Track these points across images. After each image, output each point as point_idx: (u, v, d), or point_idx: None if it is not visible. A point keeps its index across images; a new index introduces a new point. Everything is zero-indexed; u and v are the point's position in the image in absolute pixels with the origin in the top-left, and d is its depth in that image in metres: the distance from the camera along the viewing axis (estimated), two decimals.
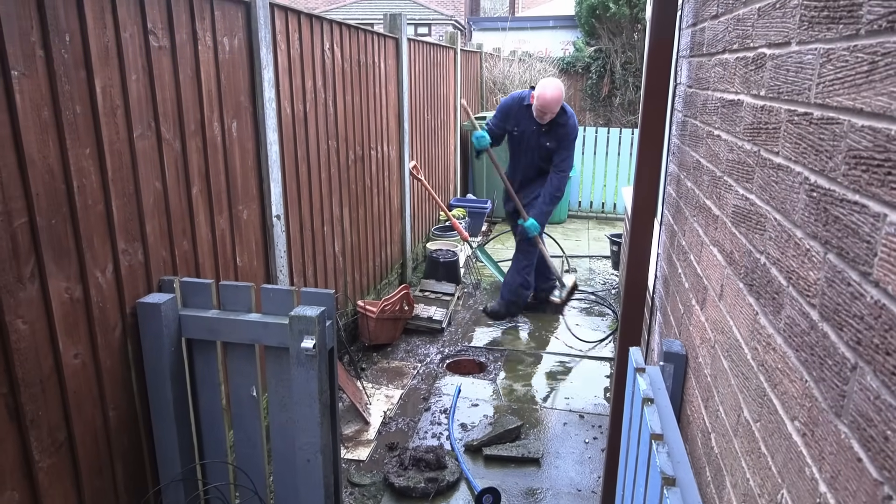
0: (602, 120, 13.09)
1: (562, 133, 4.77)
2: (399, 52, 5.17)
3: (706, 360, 1.50)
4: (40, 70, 1.72)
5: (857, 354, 0.72)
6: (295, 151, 3.37)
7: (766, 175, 1.11)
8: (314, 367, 2.11)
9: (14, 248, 1.65)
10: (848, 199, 0.76)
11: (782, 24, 1.05)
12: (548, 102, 4.59)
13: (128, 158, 2.08)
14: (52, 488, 1.85)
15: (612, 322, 5.12)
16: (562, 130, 4.76)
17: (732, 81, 1.40)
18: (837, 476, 0.76)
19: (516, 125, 4.88)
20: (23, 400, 1.71)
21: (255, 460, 2.40)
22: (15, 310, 1.67)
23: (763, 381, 1.06)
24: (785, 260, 0.98)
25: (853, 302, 0.74)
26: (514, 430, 3.42)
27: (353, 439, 3.38)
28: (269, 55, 2.93)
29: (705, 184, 1.64)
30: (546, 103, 4.59)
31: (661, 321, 2.28)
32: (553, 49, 15.10)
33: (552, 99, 4.58)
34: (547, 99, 4.58)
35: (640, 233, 2.22)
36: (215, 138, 2.60)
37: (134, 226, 2.13)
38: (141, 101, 2.13)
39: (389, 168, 5.15)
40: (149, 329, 2.16)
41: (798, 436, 0.89)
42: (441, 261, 5.50)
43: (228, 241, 2.74)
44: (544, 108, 4.62)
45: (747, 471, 1.11)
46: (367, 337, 4.37)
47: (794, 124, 0.96)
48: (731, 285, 1.31)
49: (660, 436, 1.37)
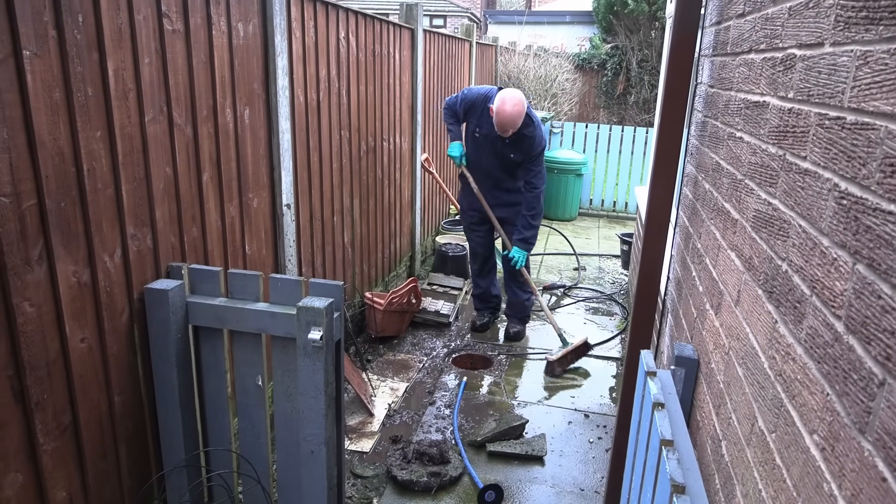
0: (616, 118, 13.01)
1: (527, 146, 4.19)
2: (414, 44, 5.14)
3: (719, 366, 1.47)
4: (52, 51, 1.70)
5: (886, 370, 0.70)
6: (307, 140, 3.35)
7: (791, 180, 1.07)
8: (321, 359, 2.10)
9: (23, 231, 1.64)
10: (882, 209, 0.73)
11: (815, 25, 1.01)
12: (507, 119, 3.99)
13: (139, 143, 2.07)
14: (56, 471, 1.84)
15: (619, 321, 5.09)
16: (527, 143, 4.17)
17: (758, 82, 1.37)
18: (859, 495, 0.73)
19: (478, 126, 4.32)
20: (28, 383, 1.70)
21: (258, 449, 2.39)
22: (22, 292, 1.66)
23: (780, 392, 1.03)
24: (809, 268, 0.95)
25: (884, 315, 0.71)
26: (519, 426, 3.40)
27: (356, 431, 3.37)
28: (283, 42, 2.90)
29: (725, 186, 1.60)
30: (505, 120, 4.00)
31: (672, 324, 2.25)
32: (569, 45, 15.01)
33: (512, 115, 3.97)
34: (507, 115, 3.98)
35: (654, 234, 2.18)
36: (227, 125, 2.58)
37: (143, 211, 2.12)
38: (153, 85, 2.11)
39: (401, 160, 5.12)
40: (156, 315, 2.15)
41: (817, 450, 0.87)
42: (450, 255, 5.47)
43: (238, 228, 2.73)
44: (504, 125, 4.03)
45: (760, 482, 1.09)
46: (373, 329, 4.36)
47: (825, 128, 0.93)
48: (749, 291, 1.28)
49: (670, 442, 1.34)
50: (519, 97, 4.02)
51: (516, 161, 4.25)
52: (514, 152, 4.22)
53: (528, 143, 4.18)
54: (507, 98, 3.99)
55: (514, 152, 4.22)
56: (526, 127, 4.12)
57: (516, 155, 4.23)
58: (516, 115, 3.98)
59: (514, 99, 3.99)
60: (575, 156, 8.17)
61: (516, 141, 4.18)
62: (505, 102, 3.98)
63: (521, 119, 4.02)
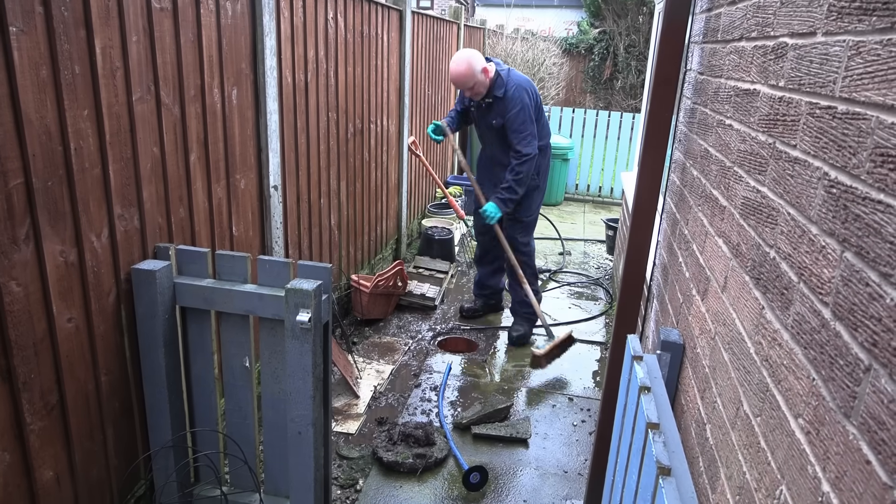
0: (603, 103, 13.03)
1: (501, 107, 3.98)
2: (402, 25, 5.10)
3: (705, 351, 1.50)
4: (39, 27, 1.67)
5: (872, 356, 0.71)
6: (294, 122, 3.32)
7: (780, 168, 1.09)
8: (309, 341, 2.10)
9: (9, 209, 1.62)
10: (871, 198, 0.75)
11: (808, 14, 1.02)
12: (456, 77, 3.90)
13: (126, 122, 2.04)
14: (43, 450, 1.84)
15: (604, 306, 5.14)
16: (500, 104, 3.98)
17: (749, 70, 1.38)
18: (843, 477, 0.75)
19: (471, 103, 4.22)
20: (15, 362, 1.69)
21: (245, 430, 2.40)
22: (9, 271, 1.64)
23: (766, 376, 1.05)
24: (797, 256, 0.97)
25: (871, 303, 0.73)
26: (504, 409, 3.44)
27: (342, 412, 3.39)
28: (271, 22, 2.87)
29: (713, 173, 1.62)
30: (455, 78, 3.91)
31: (657, 309, 2.28)
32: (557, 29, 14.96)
33: (457, 73, 3.86)
34: (456, 73, 3.88)
35: (641, 219, 2.20)
36: (215, 105, 2.55)
37: (131, 191, 2.10)
38: (141, 63, 2.09)
39: (388, 142, 5.10)
40: (143, 295, 2.14)
41: (802, 433, 0.89)
42: (436, 238, 5.48)
43: (225, 210, 2.71)
44: (462, 84, 3.93)
45: (744, 464, 1.11)
46: (359, 311, 4.36)
47: (816, 118, 0.95)
48: (737, 277, 1.30)
49: (656, 425, 1.37)
50: (465, 55, 3.87)
51: (497, 127, 4.06)
52: (495, 118, 4.05)
53: (501, 105, 3.99)
54: (454, 59, 3.91)
55: (495, 118, 4.05)
56: (498, 88, 3.96)
57: (497, 120, 4.04)
58: (464, 73, 3.84)
59: (458, 57, 3.88)
60: (561, 140, 8.18)
61: (493, 105, 4.03)
62: (453, 62, 3.90)
63: (475, 75, 3.86)
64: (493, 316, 4.80)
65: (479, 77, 3.90)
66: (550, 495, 2.91)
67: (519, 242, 4.32)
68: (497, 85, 3.97)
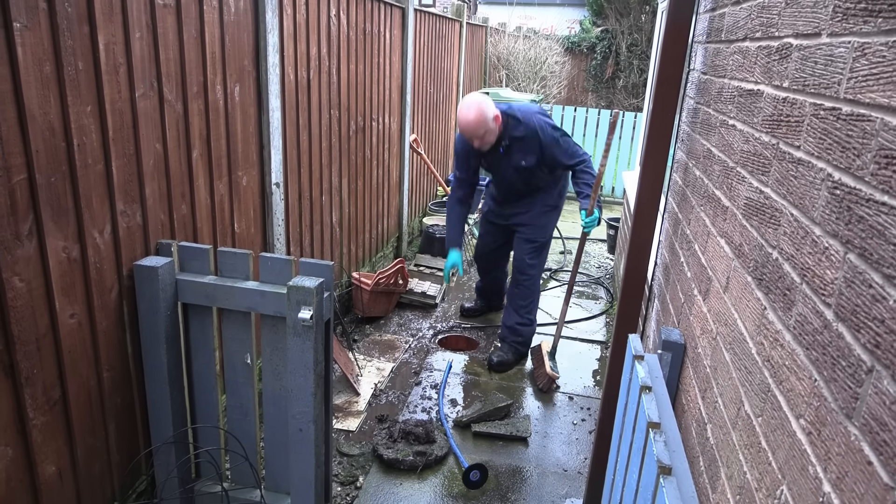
0: (604, 102, 13.01)
1: (531, 142, 3.69)
2: (405, 23, 5.10)
3: (706, 351, 1.50)
4: (43, 23, 1.67)
5: (875, 358, 0.72)
6: (297, 119, 3.33)
7: (784, 169, 1.09)
8: (310, 338, 2.10)
9: (12, 205, 1.63)
10: (875, 200, 0.75)
11: (813, 14, 1.02)
12: (467, 126, 3.56)
13: (129, 118, 2.05)
14: (46, 445, 1.84)
15: (604, 305, 5.14)
16: (529, 141, 3.69)
17: (752, 70, 1.38)
18: (844, 477, 0.76)
19: (482, 157, 3.90)
20: (18, 358, 1.69)
21: (246, 427, 2.40)
22: (12, 267, 1.64)
23: (767, 377, 1.06)
24: (800, 257, 0.97)
25: (874, 304, 0.73)
26: (504, 408, 3.44)
27: (342, 410, 3.39)
28: (274, 19, 2.87)
29: (716, 174, 1.62)
30: (467, 127, 3.57)
31: (658, 309, 2.28)
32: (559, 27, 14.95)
33: (470, 122, 3.53)
34: (468, 122, 3.54)
35: (643, 219, 2.20)
36: (217, 102, 2.55)
37: (133, 187, 2.10)
38: (144, 59, 2.09)
39: (390, 140, 5.10)
40: (145, 292, 2.14)
41: (803, 434, 0.89)
42: (437, 236, 5.48)
43: (227, 206, 2.72)
44: (472, 133, 3.59)
45: (745, 464, 1.12)
46: (360, 309, 4.37)
47: (820, 119, 0.95)
48: (739, 278, 1.30)
49: (657, 424, 1.37)
50: (475, 101, 3.56)
51: (529, 166, 3.76)
52: (523, 158, 3.74)
53: (531, 141, 3.69)
54: (464, 106, 3.57)
55: (523, 158, 3.74)
56: (514, 129, 3.68)
57: (528, 160, 3.73)
58: (472, 120, 3.53)
59: (468, 105, 3.55)
60: None
61: (513, 147, 3.74)
62: (463, 110, 3.57)
63: (487, 122, 3.55)
64: (493, 314, 4.80)
65: (491, 125, 3.59)
66: (550, 493, 2.91)
67: (526, 265, 3.98)
68: (511, 125, 3.69)
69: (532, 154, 3.73)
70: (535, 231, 3.99)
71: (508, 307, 4.10)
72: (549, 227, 4.03)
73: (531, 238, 3.99)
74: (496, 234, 4.29)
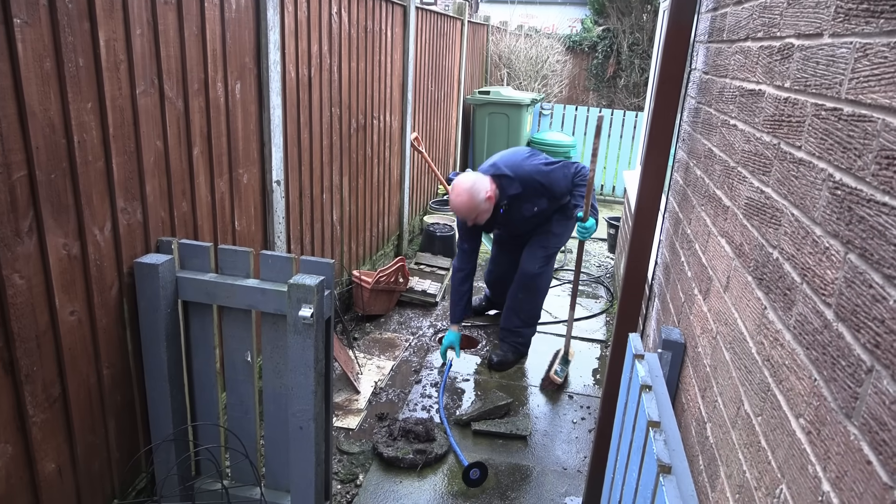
0: (605, 101, 13.00)
1: (533, 191, 3.70)
2: (406, 20, 5.09)
3: (706, 351, 1.50)
4: (43, 19, 1.67)
5: (875, 358, 0.72)
6: (297, 117, 3.32)
7: (785, 169, 1.09)
8: (311, 336, 2.10)
9: (12, 202, 1.63)
10: (876, 200, 0.75)
11: (815, 15, 1.02)
12: (462, 212, 3.59)
13: (129, 115, 2.05)
14: (45, 442, 1.84)
15: (604, 304, 5.14)
16: (531, 191, 3.69)
17: (754, 70, 1.38)
18: (843, 477, 0.76)
19: (485, 225, 3.89)
20: (18, 355, 1.69)
21: (246, 424, 2.40)
22: (12, 264, 1.65)
23: (767, 376, 1.06)
24: (800, 256, 0.97)
25: (874, 304, 0.73)
26: (504, 406, 3.45)
27: (343, 408, 3.39)
28: (275, 16, 2.87)
29: (717, 173, 1.62)
30: (459, 212, 3.62)
31: (659, 308, 2.28)
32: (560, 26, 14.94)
33: (466, 207, 3.54)
34: (459, 208, 3.57)
35: (643, 218, 2.20)
36: (218, 99, 2.55)
37: (134, 184, 2.10)
38: (145, 56, 2.09)
39: (391, 138, 5.10)
40: (145, 289, 2.14)
41: (802, 433, 0.89)
42: (438, 235, 5.48)
43: (228, 204, 2.72)
44: (465, 217, 3.64)
45: (744, 463, 1.12)
46: (360, 307, 4.37)
47: (821, 119, 0.95)
48: (739, 278, 1.30)
49: (657, 423, 1.37)
50: (462, 186, 3.53)
51: (542, 209, 3.79)
52: (533, 206, 3.75)
53: (535, 188, 3.70)
54: (453, 191, 3.58)
55: (533, 206, 3.75)
56: (509, 187, 3.66)
57: (539, 204, 3.75)
58: (463, 204, 3.53)
59: (457, 190, 3.55)
60: (564, 138, 8.18)
61: (513, 205, 3.75)
62: (453, 195, 3.58)
63: (475, 202, 3.53)
64: (494, 313, 4.80)
65: (484, 206, 3.58)
66: (550, 492, 2.91)
67: (535, 272, 3.92)
68: (505, 186, 3.67)
69: (540, 198, 3.74)
70: (551, 239, 3.96)
71: (509, 309, 4.06)
72: (564, 237, 4.00)
73: (545, 245, 3.96)
74: (510, 257, 4.25)
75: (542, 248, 3.95)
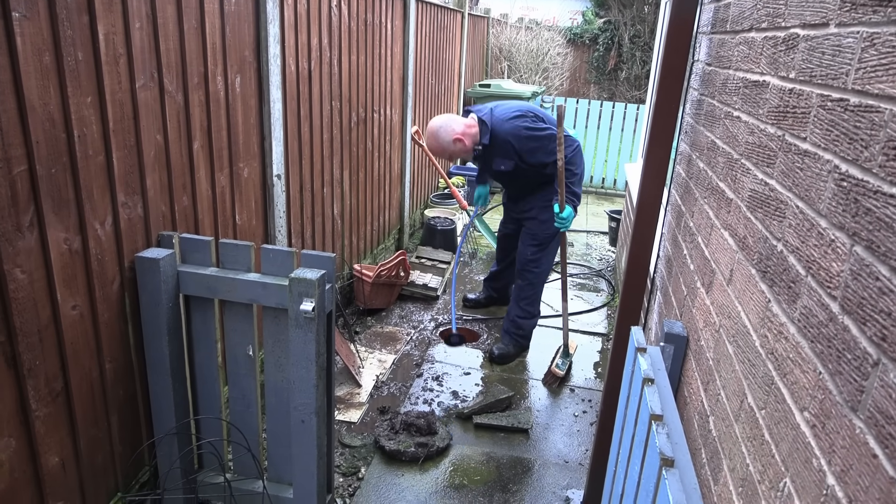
0: (606, 94, 12.97)
1: (502, 149, 3.70)
2: (406, 13, 5.07)
3: (709, 344, 1.50)
4: (42, 13, 1.66)
5: (881, 351, 0.71)
6: (298, 110, 3.31)
7: (789, 161, 1.08)
8: (312, 330, 2.10)
9: (13, 197, 1.62)
10: (883, 192, 0.74)
11: (821, 5, 1.01)
12: (431, 148, 3.78)
13: (129, 109, 2.04)
14: (49, 436, 1.84)
15: (606, 297, 5.14)
16: (500, 147, 3.71)
17: (758, 61, 1.37)
18: (849, 470, 0.75)
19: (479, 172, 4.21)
20: (20, 349, 1.69)
21: (248, 418, 2.40)
22: (14, 259, 1.64)
23: (771, 369, 1.05)
24: (805, 249, 0.96)
25: (881, 297, 0.72)
26: (505, 399, 3.45)
27: (344, 401, 3.40)
28: (275, 9, 2.85)
29: (720, 166, 1.61)
30: (430, 148, 3.81)
31: (661, 301, 2.27)
32: (561, 18, 14.88)
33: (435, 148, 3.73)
34: (429, 146, 3.81)
35: (646, 211, 2.20)
36: (218, 93, 2.54)
37: (134, 179, 2.10)
38: (144, 50, 2.08)
39: (391, 132, 5.08)
40: (147, 284, 2.14)
41: (807, 426, 0.89)
42: (438, 228, 5.47)
43: (228, 198, 2.71)
44: (438, 154, 3.82)
45: (748, 456, 1.12)
46: (362, 301, 4.36)
47: (827, 110, 0.94)
48: (742, 270, 1.29)
49: (659, 416, 1.37)
50: (430, 128, 3.72)
51: (508, 170, 3.79)
52: (501, 163, 3.77)
53: (505, 148, 3.70)
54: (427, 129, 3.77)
55: (501, 163, 3.77)
56: (483, 135, 3.71)
57: (505, 164, 3.76)
58: (432, 143, 3.74)
59: (429, 127, 3.73)
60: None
61: (488, 152, 3.78)
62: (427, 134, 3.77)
63: (444, 149, 3.70)
64: (496, 307, 4.80)
65: (452, 147, 3.69)
66: (551, 485, 2.92)
67: (528, 260, 3.97)
68: (482, 132, 3.73)
69: (507, 159, 3.74)
70: (538, 226, 3.94)
71: (512, 300, 4.13)
72: (550, 223, 3.90)
73: (534, 233, 3.97)
74: (514, 223, 4.30)
75: (530, 237, 3.99)
